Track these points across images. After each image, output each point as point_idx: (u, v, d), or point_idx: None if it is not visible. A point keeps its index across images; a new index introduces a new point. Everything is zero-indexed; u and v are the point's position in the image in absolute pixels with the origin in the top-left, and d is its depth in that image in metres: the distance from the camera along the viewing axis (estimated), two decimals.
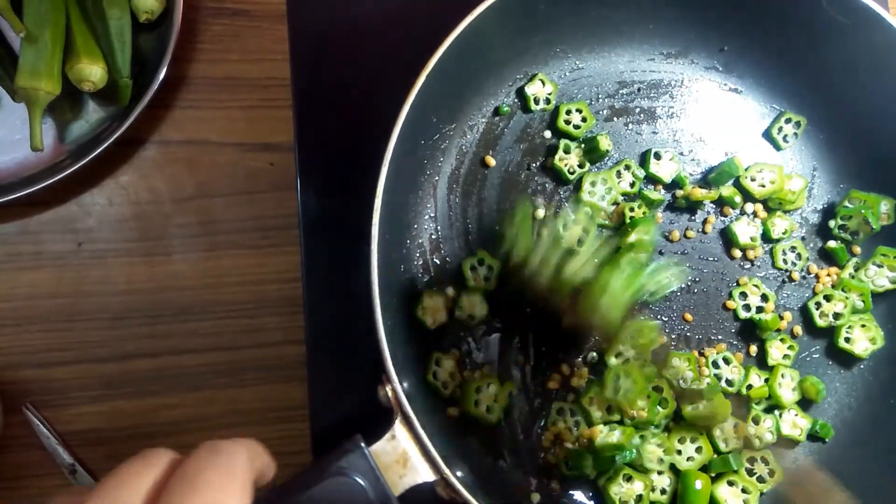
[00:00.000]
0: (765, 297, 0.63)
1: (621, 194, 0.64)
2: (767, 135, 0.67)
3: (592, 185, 0.63)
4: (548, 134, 0.64)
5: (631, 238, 0.59)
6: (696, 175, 0.66)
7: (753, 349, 0.63)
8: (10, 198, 0.59)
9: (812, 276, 0.65)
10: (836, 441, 0.62)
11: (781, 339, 0.63)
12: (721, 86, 0.67)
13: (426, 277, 0.61)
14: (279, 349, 0.62)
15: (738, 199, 0.64)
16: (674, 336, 0.63)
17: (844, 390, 0.63)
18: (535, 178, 0.64)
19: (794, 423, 0.61)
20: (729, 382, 0.61)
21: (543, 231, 0.57)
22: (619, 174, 0.64)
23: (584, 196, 0.63)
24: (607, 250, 0.56)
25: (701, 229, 0.65)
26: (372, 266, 0.50)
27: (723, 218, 0.65)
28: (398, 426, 0.49)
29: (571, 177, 0.63)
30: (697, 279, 0.64)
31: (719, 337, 0.63)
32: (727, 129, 0.66)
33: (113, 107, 0.63)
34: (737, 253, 0.64)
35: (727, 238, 0.64)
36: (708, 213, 0.65)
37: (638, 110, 0.66)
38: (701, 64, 0.67)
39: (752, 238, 0.64)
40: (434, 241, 0.62)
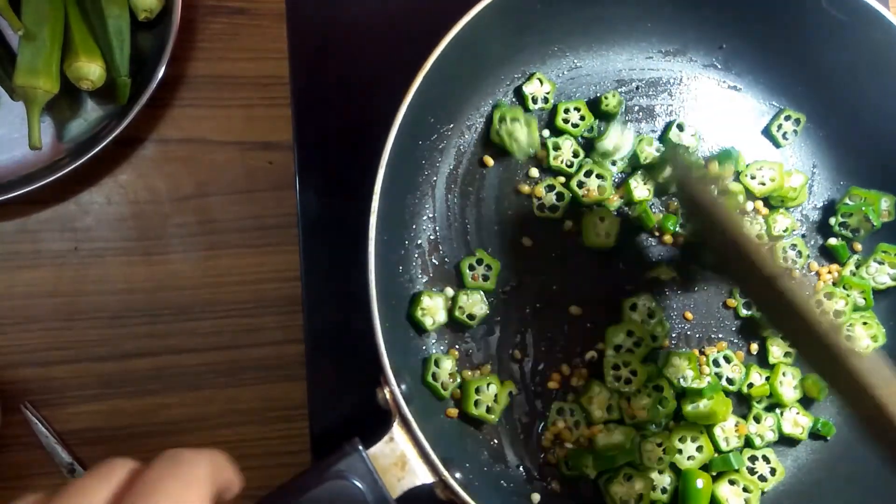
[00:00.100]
0: None
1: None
2: (767, 132, 0.67)
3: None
4: (546, 133, 0.64)
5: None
6: None
7: (754, 347, 0.63)
8: (8, 196, 0.59)
9: (813, 273, 0.65)
10: (837, 439, 0.62)
11: (782, 337, 0.62)
12: (720, 83, 0.67)
13: (425, 278, 0.61)
14: (278, 348, 0.62)
15: (741, 197, 0.64)
16: (674, 335, 0.63)
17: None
18: (535, 177, 0.64)
19: (796, 422, 0.61)
20: (730, 381, 0.61)
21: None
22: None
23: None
24: None
25: None
26: (369, 268, 0.50)
27: None
28: (396, 428, 0.49)
29: (571, 170, 0.63)
30: (698, 277, 0.64)
31: (720, 335, 0.63)
32: (726, 126, 0.66)
33: (111, 105, 0.63)
34: None
35: None
36: None
37: (637, 108, 0.66)
38: (699, 62, 0.67)
39: (758, 236, 0.64)
40: (432, 242, 0.61)
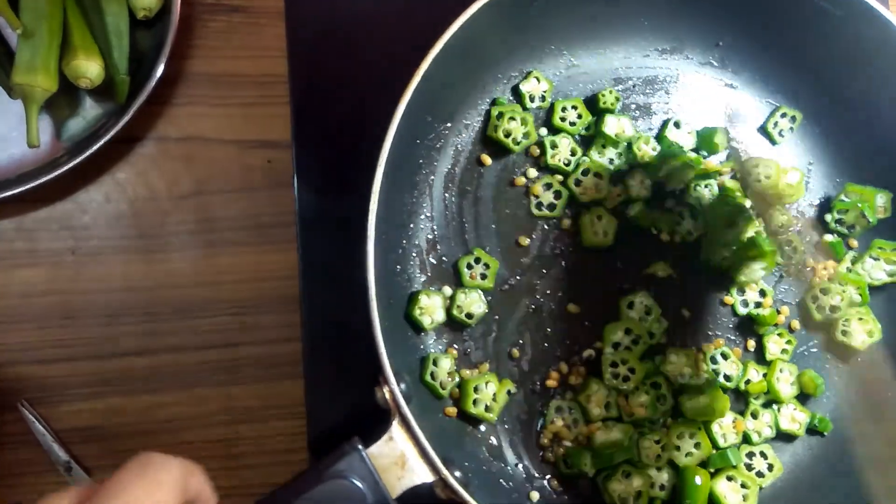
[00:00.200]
0: (763, 293, 0.63)
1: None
2: (763, 130, 0.67)
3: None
4: (544, 131, 0.64)
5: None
6: None
7: (751, 344, 0.63)
8: (6, 194, 0.58)
9: (809, 269, 0.65)
10: (834, 435, 0.62)
11: (779, 334, 0.63)
12: (716, 81, 0.67)
13: (423, 277, 0.61)
14: (276, 347, 0.62)
15: (738, 194, 0.64)
16: (672, 332, 0.63)
17: (843, 384, 0.64)
18: (534, 177, 0.64)
19: (793, 418, 0.62)
20: (727, 378, 0.61)
21: None
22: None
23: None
24: None
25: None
26: (368, 268, 0.50)
27: None
28: (396, 427, 0.49)
29: (569, 168, 0.63)
30: (695, 275, 0.64)
31: (717, 332, 0.63)
32: (722, 124, 0.66)
33: (110, 103, 0.63)
34: None
35: None
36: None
37: (634, 107, 0.66)
38: (696, 59, 0.67)
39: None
40: (430, 241, 0.61)
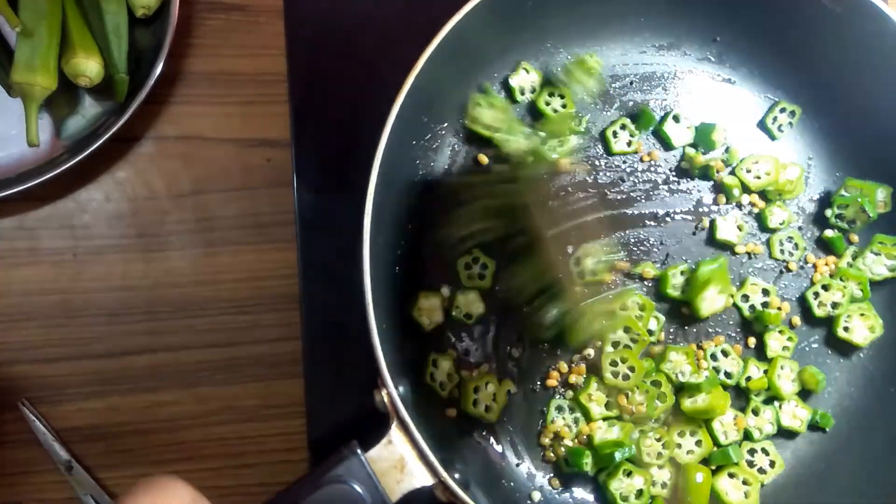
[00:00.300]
0: (766, 292, 0.63)
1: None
2: (762, 125, 0.67)
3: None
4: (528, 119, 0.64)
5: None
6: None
7: (752, 341, 0.63)
8: (5, 193, 0.58)
9: (810, 265, 0.65)
10: (836, 431, 0.62)
11: (780, 331, 0.63)
12: (714, 77, 0.67)
13: (421, 278, 0.61)
14: (276, 346, 0.62)
15: (736, 191, 0.64)
16: (671, 330, 0.63)
17: (844, 380, 0.63)
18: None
19: (794, 414, 0.61)
20: (728, 375, 0.61)
21: None
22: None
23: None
24: None
25: (698, 223, 0.64)
26: (364, 271, 0.50)
27: (714, 207, 0.65)
28: (394, 431, 0.48)
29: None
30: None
31: (717, 329, 0.63)
32: (721, 119, 0.66)
33: (109, 102, 0.63)
34: (739, 248, 0.64)
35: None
36: (706, 207, 0.65)
37: (631, 104, 0.66)
38: (693, 55, 0.67)
39: (740, 230, 0.64)
40: (428, 242, 0.61)
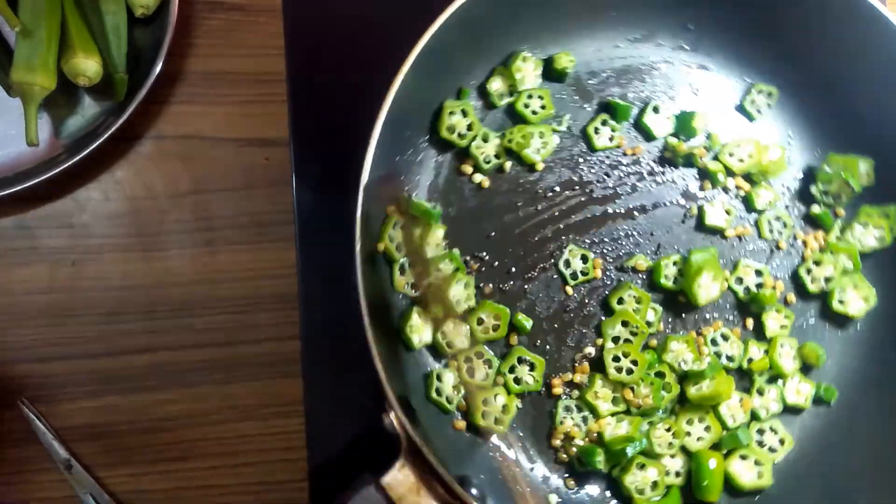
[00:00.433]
0: (759, 273, 0.63)
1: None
2: (741, 108, 0.67)
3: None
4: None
5: None
6: None
7: (750, 322, 0.63)
8: (5, 193, 0.59)
9: (800, 242, 0.65)
10: (841, 402, 0.63)
11: (777, 310, 0.63)
12: (689, 64, 0.67)
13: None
14: (275, 345, 0.62)
15: (721, 176, 0.64)
16: (669, 320, 0.63)
17: (844, 352, 0.64)
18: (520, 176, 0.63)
19: (798, 391, 0.62)
20: (729, 358, 0.62)
21: None
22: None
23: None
24: None
25: (686, 211, 0.65)
26: (361, 296, 0.50)
27: (701, 193, 0.65)
28: (406, 453, 0.48)
29: (488, 166, 0.62)
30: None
31: (715, 315, 0.63)
32: (700, 106, 0.66)
33: (108, 102, 0.63)
34: (729, 232, 0.64)
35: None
36: (693, 195, 0.65)
37: (610, 99, 0.65)
38: (667, 45, 0.67)
39: (728, 214, 0.64)
40: None
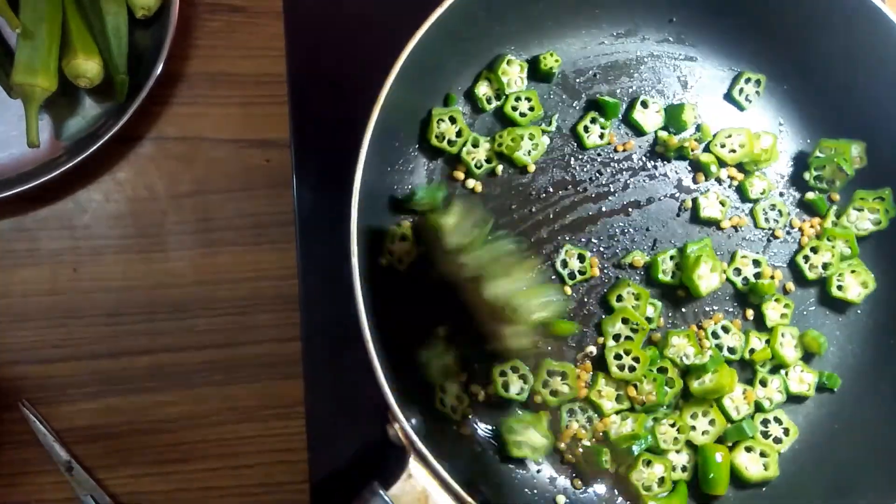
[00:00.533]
0: (757, 263, 0.63)
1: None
2: (729, 97, 0.67)
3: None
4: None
5: None
6: None
7: (750, 313, 0.63)
8: (6, 194, 0.59)
9: (796, 230, 0.65)
10: (844, 389, 0.62)
11: (776, 299, 0.63)
12: (676, 57, 0.67)
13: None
14: (275, 346, 0.62)
15: (713, 167, 0.64)
16: (669, 315, 0.63)
17: (845, 338, 0.64)
18: (512, 179, 0.63)
19: (801, 379, 0.62)
20: (731, 350, 0.62)
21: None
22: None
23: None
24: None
25: (681, 204, 0.64)
26: (360, 312, 0.50)
27: (695, 186, 0.64)
28: (413, 463, 0.48)
29: (478, 171, 0.62)
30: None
31: (714, 307, 0.63)
32: (688, 98, 0.66)
33: (109, 103, 0.63)
34: (724, 223, 0.64)
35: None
36: (686, 187, 0.65)
37: (598, 95, 0.65)
38: (652, 38, 0.67)
39: (723, 205, 0.64)
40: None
